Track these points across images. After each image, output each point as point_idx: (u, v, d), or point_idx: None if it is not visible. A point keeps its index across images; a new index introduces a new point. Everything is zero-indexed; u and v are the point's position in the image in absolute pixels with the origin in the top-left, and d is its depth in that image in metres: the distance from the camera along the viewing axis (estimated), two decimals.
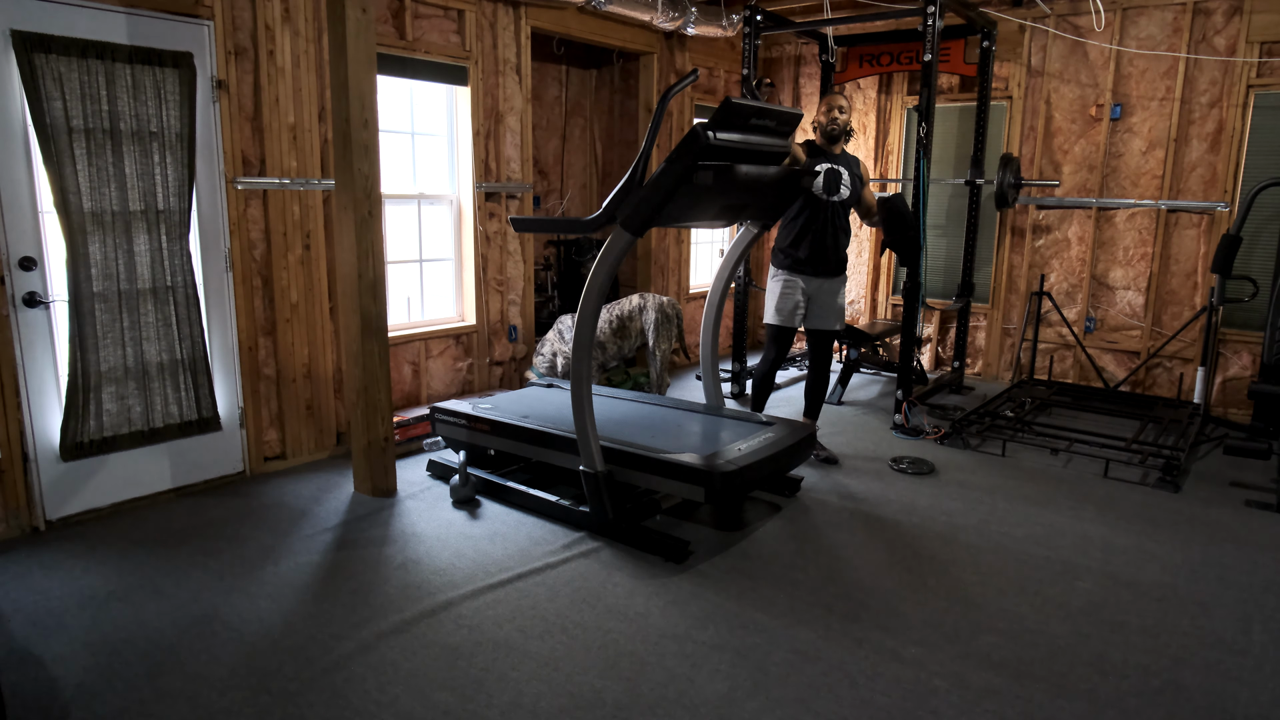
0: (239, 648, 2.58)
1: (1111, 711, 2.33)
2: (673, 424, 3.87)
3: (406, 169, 4.85)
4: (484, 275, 5.11)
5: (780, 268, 4.20)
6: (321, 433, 4.28)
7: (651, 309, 5.07)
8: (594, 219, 3.22)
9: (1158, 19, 5.32)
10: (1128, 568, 3.19)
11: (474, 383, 5.16)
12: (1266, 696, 2.40)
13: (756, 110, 3.18)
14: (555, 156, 6.44)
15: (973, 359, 6.38)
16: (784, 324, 4.20)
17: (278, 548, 3.27)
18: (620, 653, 2.58)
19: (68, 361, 3.34)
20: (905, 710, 2.32)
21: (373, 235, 3.58)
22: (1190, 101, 5.29)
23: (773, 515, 3.67)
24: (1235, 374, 5.34)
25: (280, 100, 3.90)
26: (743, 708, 2.32)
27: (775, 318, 4.22)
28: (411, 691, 2.37)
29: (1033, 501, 3.85)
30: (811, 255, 4.11)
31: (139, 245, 3.47)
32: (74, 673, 2.43)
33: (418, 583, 3.01)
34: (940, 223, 6.45)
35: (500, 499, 3.78)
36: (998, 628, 2.75)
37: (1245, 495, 3.96)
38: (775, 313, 4.21)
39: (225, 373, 3.88)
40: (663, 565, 3.16)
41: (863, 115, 6.77)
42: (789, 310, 4.18)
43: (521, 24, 5.05)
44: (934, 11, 4.58)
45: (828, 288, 4.18)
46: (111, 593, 2.89)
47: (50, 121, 3.16)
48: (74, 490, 3.46)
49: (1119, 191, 5.61)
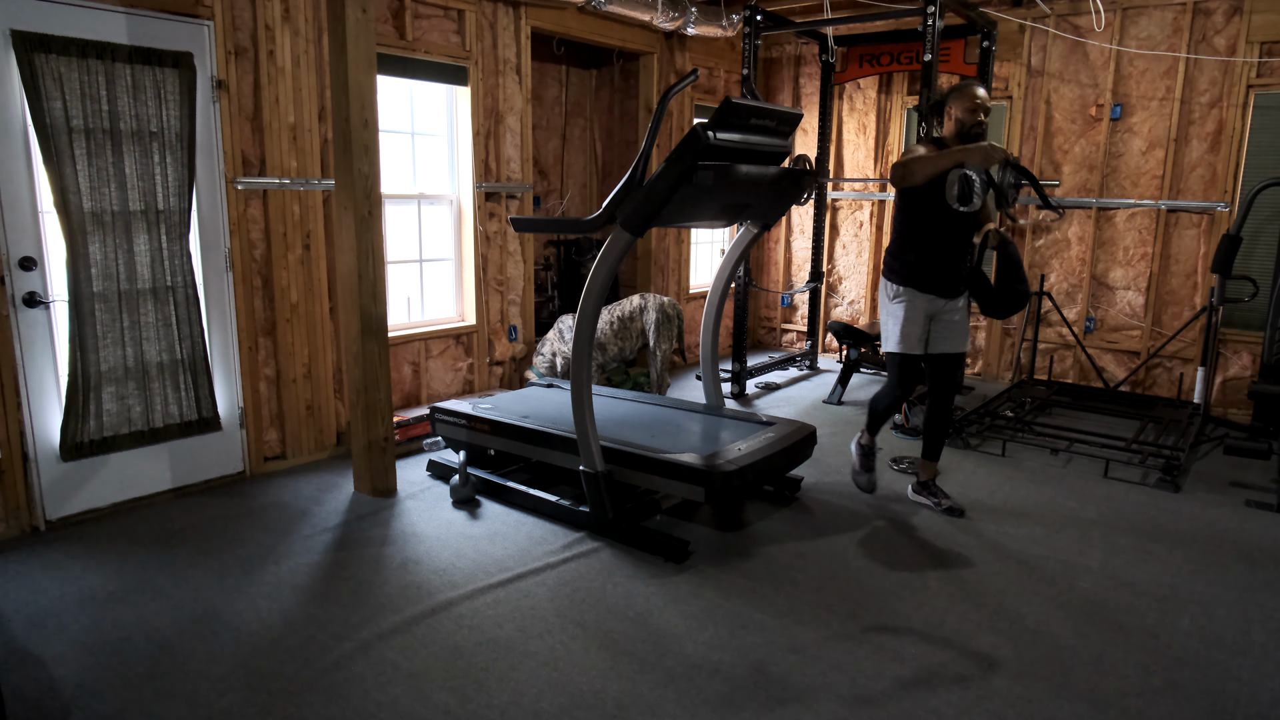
0: (239, 648, 2.58)
1: (1111, 711, 2.33)
2: (673, 424, 3.87)
3: (406, 169, 4.85)
4: (484, 275, 5.11)
5: (903, 284, 3.52)
6: (321, 433, 4.28)
7: (652, 309, 5.08)
8: (594, 219, 3.22)
9: (1158, 19, 5.32)
10: (1128, 568, 3.19)
11: (474, 383, 5.16)
12: (1266, 696, 2.40)
13: (756, 110, 3.18)
14: (555, 156, 6.44)
15: (973, 359, 6.38)
16: (913, 352, 3.54)
17: (278, 548, 3.27)
18: (620, 653, 2.58)
19: (68, 361, 3.34)
20: (905, 710, 2.32)
21: (373, 235, 3.58)
22: (1190, 101, 5.29)
23: (773, 515, 3.67)
24: (1235, 374, 5.34)
25: (280, 100, 3.90)
26: (742, 707, 2.32)
27: (903, 345, 3.54)
28: (411, 691, 2.37)
29: (1033, 501, 3.85)
30: (940, 272, 3.49)
31: (139, 245, 3.47)
32: (74, 673, 2.43)
33: (418, 583, 3.01)
34: None
35: (500, 499, 3.78)
36: (998, 628, 2.75)
37: (1245, 495, 3.96)
38: (902, 339, 3.53)
39: (225, 373, 3.88)
40: (663, 565, 3.16)
41: (863, 115, 6.77)
42: (918, 336, 3.53)
43: (521, 24, 5.05)
44: (934, 11, 4.58)
45: (951, 307, 3.56)
46: (111, 593, 2.89)
47: (50, 121, 3.16)
48: (74, 490, 3.45)
49: (1119, 191, 5.61)
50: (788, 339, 7.54)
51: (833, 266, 7.09)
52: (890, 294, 3.57)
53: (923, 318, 3.53)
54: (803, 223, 7.23)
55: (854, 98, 6.79)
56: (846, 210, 6.96)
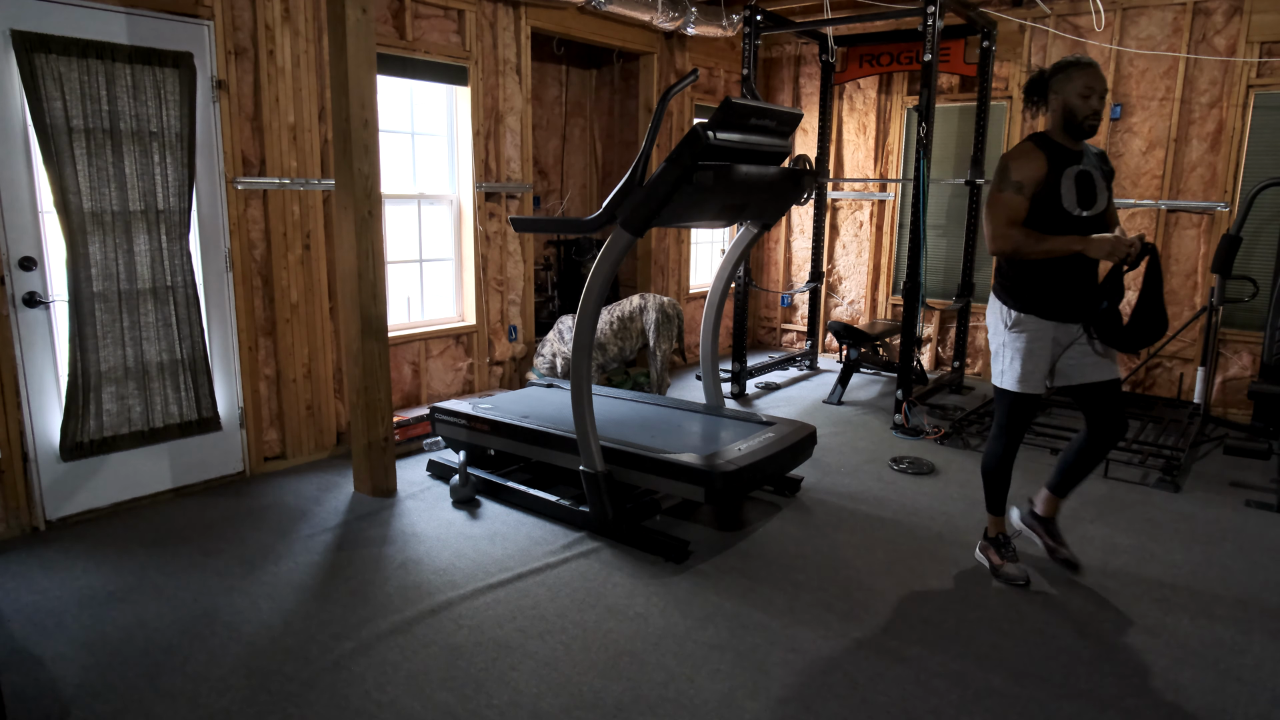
0: (239, 648, 2.58)
1: (1111, 711, 2.33)
2: (673, 424, 3.87)
3: (406, 169, 4.85)
4: (484, 275, 5.11)
5: (1022, 310, 2.85)
6: (321, 433, 4.28)
7: (652, 309, 5.08)
8: (594, 219, 3.23)
9: (1158, 19, 5.32)
10: (1128, 568, 3.19)
11: (474, 383, 5.16)
12: (1266, 696, 2.40)
13: (756, 110, 3.18)
14: (555, 156, 6.44)
15: (973, 359, 6.38)
16: (1034, 391, 2.90)
17: (278, 548, 3.27)
18: (620, 653, 2.58)
19: (68, 361, 3.34)
20: (905, 710, 2.32)
21: (373, 235, 3.58)
22: (1190, 101, 5.29)
23: (773, 515, 3.67)
24: (1235, 374, 5.34)
25: (280, 100, 3.90)
26: (743, 708, 2.32)
27: (1023, 382, 2.88)
28: (411, 691, 2.37)
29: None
30: (1068, 293, 2.82)
31: (139, 245, 3.47)
32: (74, 673, 2.43)
33: (418, 583, 3.01)
34: (940, 223, 6.45)
35: (500, 499, 3.78)
36: (998, 628, 2.75)
37: (1245, 495, 3.96)
38: (1023, 378, 2.87)
39: (225, 373, 3.88)
40: (663, 565, 3.16)
41: (863, 115, 6.77)
42: (1043, 372, 2.88)
43: (521, 24, 5.05)
44: (934, 11, 4.58)
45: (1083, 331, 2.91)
46: (111, 593, 2.89)
47: (50, 121, 3.16)
48: (74, 490, 3.45)
49: (1119, 191, 5.60)
50: (788, 339, 7.54)
51: (833, 266, 7.09)
52: (1006, 319, 2.90)
53: (1049, 349, 2.86)
54: (803, 223, 7.23)
55: (854, 98, 6.79)
56: (846, 210, 6.96)
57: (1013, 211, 2.77)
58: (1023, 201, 2.76)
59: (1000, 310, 2.93)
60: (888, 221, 6.75)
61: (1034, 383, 2.87)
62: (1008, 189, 2.77)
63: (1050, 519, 3.18)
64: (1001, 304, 2.92)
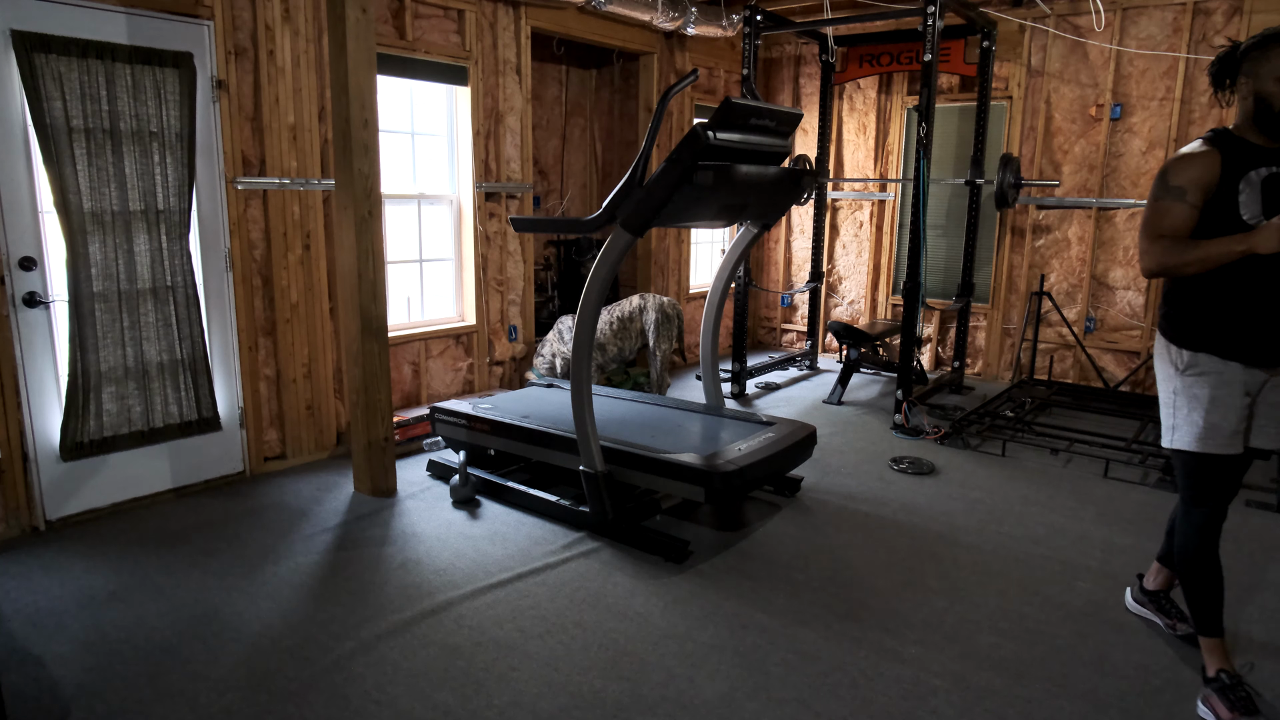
0: (239, 648, 2.58)
1: (1112, 711, 2.33)
2: (673, 424, 3.87)
3: (406, 169, 4.85)
4: (484, 275, 5.11)
5: (1199, 350, 2.27)
6: (321, 433, 4.28)
7: (652, 309, 5.08)
8: (594, 219, 3.23)
9: (1158, 19, 5.32)
10: (1128, 568, 3.19)
11: (474, 383, 5.16)
12: (1266, 696, 2.40)
13: (756, 110, 3.17)
14: (555, 156, 6.44)
15: (973, 359, 6.38)
16: (1225, 451, 2.27)
17: (278, 548, 3.27)
18: (620, 653, 2.58)
19: (68, 361, 3.34)
20: (905, 710, 2.32)
21: (373, 235, 3.58)
22: (1190, 101, 5.29)
23: (773, 515, 3.67)
24: None
25: (280, 100, 3.90)
26: (743, 708, 2.32)
27: (1206, 440, 2.26)
28: (411, 691, 2.37)
29: (1033, 502, 3.85)
30: (1261, 329, 2.21)
31: (139, 245, 3.47)
32: (74, 673, 2.43)
33: (418, 583, 3.01)
34: (940, 223, 6.45)
35: (500, 499, 3.78)
36: (998, 628, 2.75)
37: (1245, 495, 3.95)
38: (1209, 434, 2.26)
39: (225, 373, 3.88)
40: (663, 565, 3.16)
41: (863, 115, 6.77)
42: (1232, 427, 2.25)
43: (521, 24, 5.05)
44: (934, 11, 4.58)
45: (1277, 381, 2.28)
46: (111, 593, 2.89)
47: (50, 121, 3.16)
48: (74, 490, 3.45)
49: (1119, 191, 5.61)
50: (788, 339, 7.54)
51: (833, 266, 7.09)
52: (1178, 362, 2.31)
53: (1239, 399, 2.24)
54: (803, 223, 7.23)
55: (854, 98, 6.79)
56: (846, 210, 6.96)
57: (1169, 223, 2.21)
58: (1185, 210, 2.19)
59: (1170, 353, 2.33)
60: (888, 221, 6.75)
61: (1220, 439, 2.24)
62: (1165, 196, 2.22)
63: (1164, 593, 2.76)
64: (1170, 345, 2.33)
